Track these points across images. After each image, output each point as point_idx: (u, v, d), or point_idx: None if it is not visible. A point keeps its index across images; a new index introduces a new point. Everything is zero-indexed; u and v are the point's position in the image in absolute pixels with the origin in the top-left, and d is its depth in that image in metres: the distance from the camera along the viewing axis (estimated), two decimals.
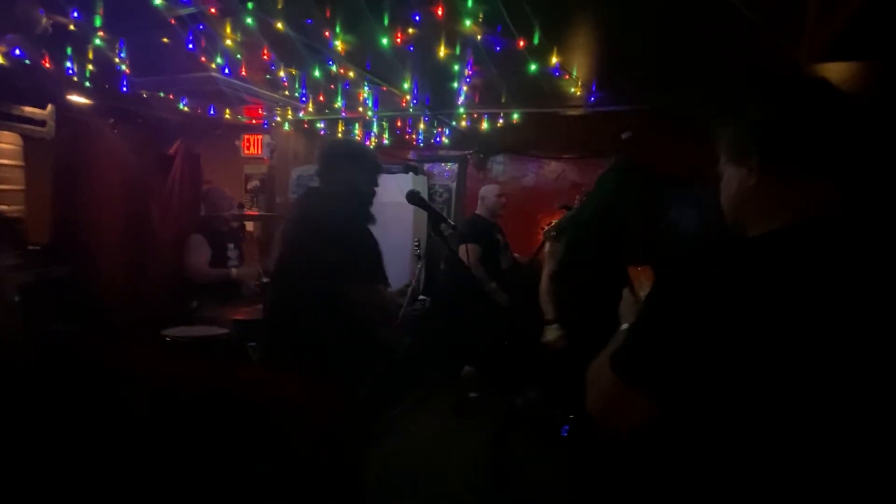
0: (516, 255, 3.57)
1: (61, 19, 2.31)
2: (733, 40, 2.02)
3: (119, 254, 3.60)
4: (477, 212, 3.57)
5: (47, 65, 2.84)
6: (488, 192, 3.55)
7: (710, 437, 0.69)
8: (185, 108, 3.84)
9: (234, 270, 3.24)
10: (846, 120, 0.72)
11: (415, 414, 3.28)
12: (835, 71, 2.15)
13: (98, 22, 2.34)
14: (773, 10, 1.73)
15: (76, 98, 3.49)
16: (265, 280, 2.75)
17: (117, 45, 2.65)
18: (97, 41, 2.51)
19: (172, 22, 2.24)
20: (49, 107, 3.41)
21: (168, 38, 2.46)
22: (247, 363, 2.60)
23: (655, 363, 0.70)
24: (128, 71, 2.99)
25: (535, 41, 2.23)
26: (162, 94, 3.58)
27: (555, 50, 2.38)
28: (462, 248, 2.98)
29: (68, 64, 2.86)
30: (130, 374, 2.39)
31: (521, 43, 2.25)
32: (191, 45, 2.45)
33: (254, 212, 4.28)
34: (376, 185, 1.85)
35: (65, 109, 3.47)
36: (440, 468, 2.52)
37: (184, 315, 2.91)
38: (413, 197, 1.85)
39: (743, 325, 0.64)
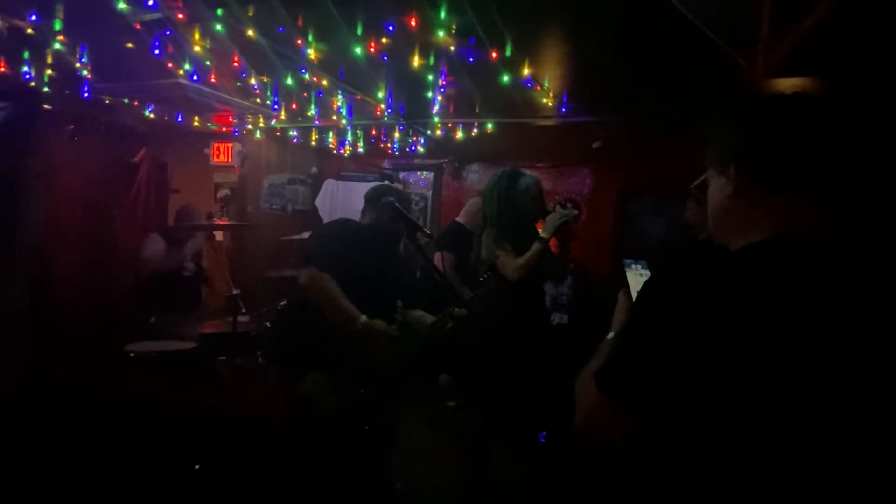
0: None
1: (18, 22, 2.21)
2: (693, 55, 2.11)
3: (79, 268, 3.44)
4: (457, 219, 3.56)
5: (2, 69, 2.72)
6: (471, 206, 3.48)
7: (695, 454, 0.68)
8: (152, 116, 3.73)
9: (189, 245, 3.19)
10: (824, 135, 0.71)
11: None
12: (788, 87, 2.27)
13: (58, 25, 2.25)
14: (729, 28, 1.82)
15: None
16: (235, 292, 2.68)
17: (78, 50, 2.55)
18: (57, 45, 2.42)
19: (138, 27, 2.18)
20: None
21: (133, 43, 2.39)
22: (217, 379, 2.51)
23: (640, 380, 0.69)
24: (90, 76, 2.89)
25: (508, 53, 2.27)
26: (126, 101, 3.46)
27: (526, 62, 2.43)
28: (437, 255, 2.99)
29: (25, 68, 2.74)
30: (92, 394, 2.27)
31: (494, 54, 2.29)
32: (157, 51, 2.39)
33: (224, 221, 4.17)
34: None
35: None
36: (419, 479, 2.49)
37: (148, 328, 2.80)
38: (388, 206, 1.85)
39: (721, 341, 0.64)
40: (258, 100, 3.42)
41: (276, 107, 3.51)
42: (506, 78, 2.55)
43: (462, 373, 3.36)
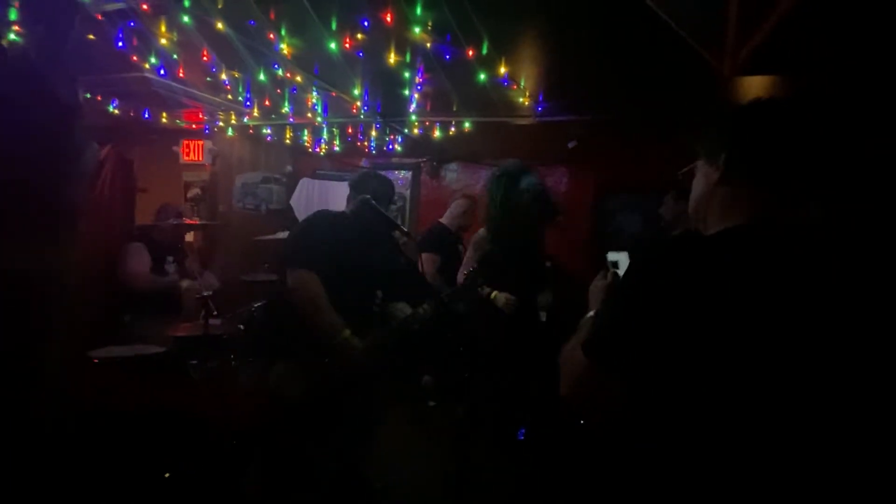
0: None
1: None
2: (666, 54, 2.14)
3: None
4: (441, 221, 3.50)
5: None
6: (456, 208, 3.48)
7: (681, 419, 0.75)
8: (116, 111, 3.58)
9: (183, 283, 3.04)
10: (798, 137, 0.81)
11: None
12: (755, 84, 2.34)
13: (14, 15, 2.14)
14: (699, 26, 1.86)
15: None
16: (206, 294, 2.59)
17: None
18: (12, 36, 2.29)
19: (99, 18, 2.08)
20: None
21: (95, 34, 2.29)
22: (187, 383, 2.43)
23: (627, 347, 0.76)
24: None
25: (484, 51, 2.27)
26: (89, 96, 3.31)
27: (503, 60, 2.43)
28: (419, 257, 2.95)
29: None
30: (54, 402, 2.16)
31: (471, 52, 2.28)
32: (121, 43, 2.29)
33: (194, 221, 4.04)
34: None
35: None
36: (400, 478, 2.47)
37: (116, 332, 2.69)
38: (365, 204, 1.82)
39: (698, 313, 0.72)
40: (229, 96, 3.33)
41: (248, 103, 3.42)
42: (483, 76, 2.54)
43: (443, 373, 3.35)
